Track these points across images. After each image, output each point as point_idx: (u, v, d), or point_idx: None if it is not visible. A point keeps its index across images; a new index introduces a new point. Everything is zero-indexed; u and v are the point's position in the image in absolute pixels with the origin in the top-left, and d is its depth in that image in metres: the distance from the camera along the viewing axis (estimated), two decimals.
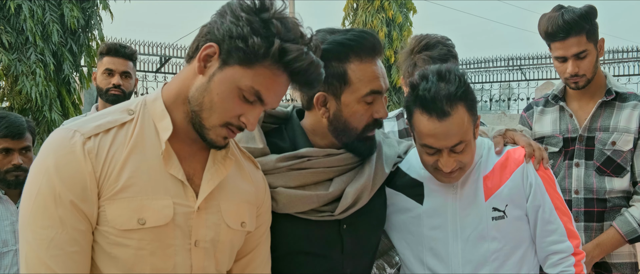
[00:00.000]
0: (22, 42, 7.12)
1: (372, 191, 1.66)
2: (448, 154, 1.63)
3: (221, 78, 1.27)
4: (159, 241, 1.28)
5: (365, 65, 1.58)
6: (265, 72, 1.27)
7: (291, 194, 1.56)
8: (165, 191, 1.29)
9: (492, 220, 1.71)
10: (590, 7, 2.29)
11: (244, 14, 1.25)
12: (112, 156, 1.26)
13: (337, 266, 1.64)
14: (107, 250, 1.26)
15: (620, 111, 2.35)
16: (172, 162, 1.31)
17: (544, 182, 1.75)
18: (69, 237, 1.22)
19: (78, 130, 1.27)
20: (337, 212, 1.59)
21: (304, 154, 1.60)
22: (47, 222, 1.21)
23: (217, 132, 1.31)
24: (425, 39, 2.28)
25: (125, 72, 3.14)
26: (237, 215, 1.40)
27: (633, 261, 2.37)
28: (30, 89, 7.03)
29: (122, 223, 1.25)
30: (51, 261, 1.20)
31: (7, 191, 2.46)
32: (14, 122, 2.39)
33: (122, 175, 1.26)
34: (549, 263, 1.74)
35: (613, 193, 2.32)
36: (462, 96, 1.61)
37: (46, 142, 1.28)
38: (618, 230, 2.25)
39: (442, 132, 1.60)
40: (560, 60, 2.34)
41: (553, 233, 1.73)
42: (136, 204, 1.26)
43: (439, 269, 1.73)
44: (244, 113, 1.30)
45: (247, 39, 1.24)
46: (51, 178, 1.22)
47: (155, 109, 1.34)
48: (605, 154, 2.32)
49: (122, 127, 1.31)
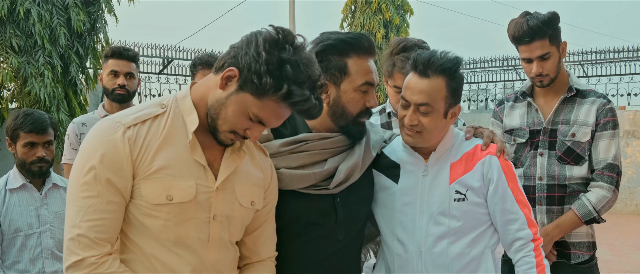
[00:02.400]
0: (31, 45, 7.39)
1: (362, 169, 1.96)
2: (413, 110, 1.93)
3: (235, 99, 1.55)
4: (182, 215, 1.55)
5: (362, 60, 1.89)
6: (272, 105, 1.54)
7: (292, 174, 1.84)
8: (190, 174, 1.57)
9: (454, 201, 1.98)
10: (553, 14, 2.56)
11: (264, 53, 1.50)
12: (147, 143, 1.54)
13: (332, 232, 1.91)
14: (139, 220, 1.54)
15: (580, 106, 2.62)
16: (197, 150, 1.59)
17: (506, 177, 2.01)
18: (103, 207, 1.50)
19: (120, 121, 1.55)
20: (332, 186, 1.88)
21: (302, 138, 1.89)
22: (87, 193, 1.50)
23: (226, 136, 1.60)
24: (403, 42, 2.58)
25: (129, 73, 3.39)
26: (248, 195, 1.68)
27: (591, 240, 2.64)
28: (39, 90, 7.28)
29: (154, 198, 1.52)
30: (86, 224, 1.49)
31: (32, 180, 2.73)
32: (38, 118, 2.66)
33: (155, 160, 1.53)
34: (513, 248, 2.01)
35: (572, 180, 2.58)
36: (446, 71, 1.93)
37: (93, 129, 1.58)
38: (576, 213, 2.52)
39: (415, 87, 1.92)
40: (526, 61, 2.60)
41: (515, 222, 1.99)
42: (166, 184, 1.53)
43: (406, 240, 2.00)
44: (249, 128, 1.59)
45: (261, 77, 1.50)
46: (94, 160, 1.51)
47: (184, 105, 1.62)
48: (566, 144, 2.58)
49: (155, 119, 1.58)
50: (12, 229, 2.62)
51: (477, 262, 1.99)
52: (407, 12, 13.76)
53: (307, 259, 1.89)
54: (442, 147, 2.03)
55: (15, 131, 2.63)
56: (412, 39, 2.59)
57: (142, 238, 1.56)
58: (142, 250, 1.57)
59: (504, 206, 1.98)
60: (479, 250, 2.00)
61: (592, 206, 2.49)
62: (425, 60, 1.92)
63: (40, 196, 2.72)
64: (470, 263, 1.98)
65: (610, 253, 7.78)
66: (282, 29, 1.55)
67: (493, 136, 2.09)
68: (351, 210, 1.95)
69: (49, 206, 2.73)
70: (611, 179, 2.52)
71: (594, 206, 2.49)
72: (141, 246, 1.57)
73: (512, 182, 2.01)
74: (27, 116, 2.63)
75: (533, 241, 1.98)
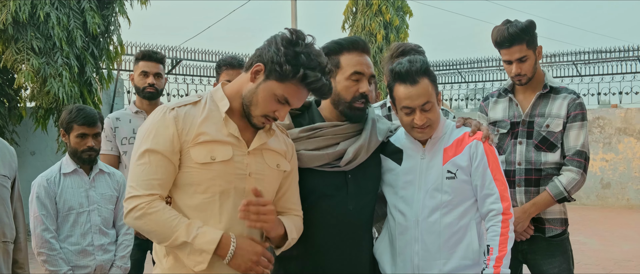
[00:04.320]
0: (50, 47, 7.70)
1: (368, 151, 2.39)
2: (420, 111, 2.34)
3: (264, 87, 1.99)
4: (224, 171, 1.99)
5: (352, 55, 2.32)
6: (292, 87, 1.98)
7: (309, 155, 2.28)
8: (227, 142, 2.01)
9: (446, 179, 2.39)
10: (530, 22, 2.97)
11: (283, 48, 1.95)
12: (190, 121, 1.98)
13: (343, 202, 2.33)
14: (189, 179, 1.98)
15: (554, 101, 3.02)
16: (230, 125, 2.03)
17: (487, 158, 2.41)
18: (155, 169, 1.94)
19: (167, 106, 2.02)
20: (342, 164, 2.31)
21: (317, 126, 2.34)
22: (142, 160, 1.95)
23: (259, 119, 2.04)
24: (402, 47, 3.01)
25: (157, 73, 3.80)
26: (274, 159, 2.12)
27: (563, 217, 3.04)
28: (58, 89, 7.59)
29: (201, 159, 1.96)
30: (141, 177, 1.93)
31: (81, 165, 3.13)
32: (89, 113, 3.07)
33: (199, 131, 1.97)
34: (487, 218, 2.41)
35: (547, 165, 2.98)
36: (425, 71, 2.35)
37: (150, 114, 2.04)
38: (549, 193, 2.92)
39: (414, 94, 2.32)
40: (507, 63, 3.02)
41: (491, 196, 2.39)
42: (209, 148, 1.97)
43: (406, 211, 2.41)
44: (277, 110, 2.03)
45: (282, 65, 1.95)
46: (149, 136, 1.96)
47: (217, 95, 2.08)
48: (541, 134, 2.98)
49: (194, 105, 2.04)
50: (66, 208, 3.02)
51: (463, 231, 2.38)
52: (406, 14, 14.16)
53: (323, 223, 2.32)
54: (436, 135, 2.44)
55: (69, 123, 3.04)
56: (410, 44, 3.03)
57: (194, 193, 1.99)
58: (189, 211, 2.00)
59: (483, 182, 2.38)
60: (465, 221, 2.39)
61: (563, 187, 2.90)
62: (408, 71, 2.33)
63: (89, 179, 3.12)
64: (458, 231, 2.38)
65: (598, 243, 8.17)
66: (295, 30, 2.02)
67: (480, 125, 2.51)
68: (360, 185, 2.38)
69: (97, 189, 3.13)
70: (580, 164, 2.93)
71: (565, 187, 2.90)
72: (186, 204, 2.00)
73: (493, 164, 2.40)
74: (80, 111, 3.04)
75: (503, 214, 2.35)
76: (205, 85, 12.60)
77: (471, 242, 2.38)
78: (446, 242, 2.37)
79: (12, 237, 2.53)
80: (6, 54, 7.59)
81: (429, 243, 2.37)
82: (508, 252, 2.31)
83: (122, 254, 3.17)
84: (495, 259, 2.29)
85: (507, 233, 2.33)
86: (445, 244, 2.37)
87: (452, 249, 2.37)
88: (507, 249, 2.31)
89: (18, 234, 2.60)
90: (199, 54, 12.33)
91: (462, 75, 14.95)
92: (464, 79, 14.96)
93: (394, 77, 2.37)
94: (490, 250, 2.31)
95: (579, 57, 13.13)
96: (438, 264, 2.37)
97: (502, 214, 2.35)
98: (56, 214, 3.02)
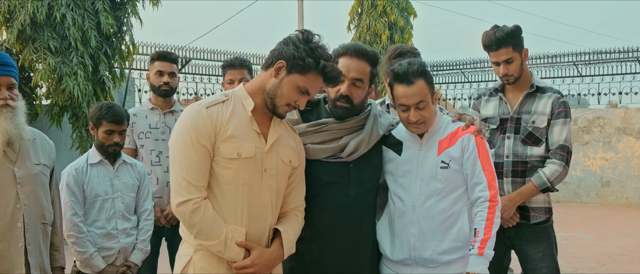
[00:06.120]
0: (65, 47, 7.95)
1: (369, 144, 2.64)
2: (414, 109, 2.59)
3: (287, 80, 2.28)
4: (247, 166, 2.26)
5: (342, 59, 2.56)
6: (312, 77, 2.29)
7: (315, 148, 2.56)
8: (251, 139, 2.29)
9: (440, 168, 2.64)
10: (516, 27, 3.23)
11: (301, 45, 2.27)
12: (222, 118, 2.25)
13: (346, 189, 2.60)
14: (217, 172, 2.26)
15: (540, 99, 3.27)
16: (254, 123, 2.31)
17: (478, 150, 2.65)
18: (199, 163, 2.21)
19: (201, 104, 2.28)
20: (344, 155, 2.58)
21: (323, 121, 2.61)
22: (187, 154, 2.22)
23: (283, 108, 2.33)
24: (399, 49, 3.29)
25: (172, 72, 4.05)
26: (287, 155, 2.39)
27: (547, 206, 3.28)
28: (73, 88, 7.84)
29: (229, 154, 2.24)
30: (188, 174, 2.20)
31: (106, 157, 3.40)
32: (118, 112, 3.34)
33: (228, 128, 2.24)
34: (475, 204, 2.63)
35: (532, 158, 3.22)
36: (421, 73, 2.59)
37: (184, 112, 2.29)
38: (534, 183, 3.16)
39: (410, 94, 2.57)
40: (495, 64, 3.28)
41: (479, 184, 2.62)
42: (236, 144, 2.24)
43: (404, 197, 2.67)
44: (298, 99, 2.32)
45: (304, 59, 2.26)
46: (189, 131, 2.22)
47: (241, 94, 2.36)
48: (527, 130, 3.23)
49: (223, 103, 2.31)
50: (93, 195, 3.30)
51: (456, 216, 2.62)
52: (410, 15, 14.38)
53: (328, 207, 2.60)
54: (432, 129, 2.70)
55: (99, 119, 3.31)
56: (406, 46, 3.31)
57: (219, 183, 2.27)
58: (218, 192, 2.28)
59: (473, 171, 2.62)
60: (458, 207, 2.63)
61: (546, 178, 3.15)
62: (405, 72, 2.57)
63: (114, 169, 3.40)
64: (450, 216, 2.62)
65: (594, 238, 8.37)
66: (306, 30, 2.35)
67: (473, 120, 2.77)
68: (361, 173, 2.65)
69: (120, 178, 3.41)
70: (562, 157, 3.18)
71: (548, 178, 3.15)
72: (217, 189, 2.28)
73: (483, 155, 2.64)
74: (109, 109, 3.32)
75: (490, 201, 2.57)
76: (213, 84, 12.86)
77: (462, 226, 2.61)
78: (439, 226, 2.61)
79: (50, 220, 2.80)
80: (24, 53, 7.87)
81: (424, 226, 2.62)
82: (493, 235, 2.53)
83: (143, 237, 3.45)
84: (480, 241, 2.51)
85: (492, 218, 2.55)
86: (438, 228, 2.61)
87: (445, 232, 2.61)
88: (492, 232, 2.53)
89: (55, 220, 2.86)
90: (207, 54, 12.60)
91: (465, 75, 15.17)
92: (467, 79, 15.18)
93: (394, 78, 2.63)
94: (476, 233, 2.54)
95: (579, 57, 13.33)
96: (432, 246, 2.61)
97: (489, 201, 2.57)
98: (84, 201, 3.30)
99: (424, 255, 2.62)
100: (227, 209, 2.28)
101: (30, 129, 2.79)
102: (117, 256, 3.34)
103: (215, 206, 2.27)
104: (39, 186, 2.73)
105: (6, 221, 2.58)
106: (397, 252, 2.68)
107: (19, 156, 2.68)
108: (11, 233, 2.59)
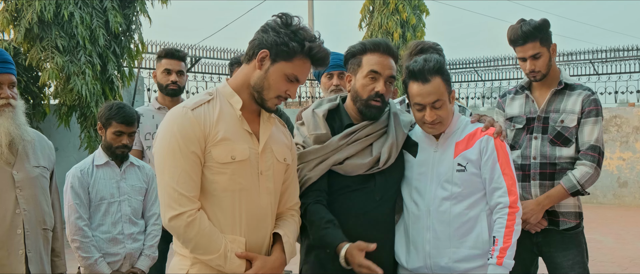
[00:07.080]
0: (73, 45, 7.85)
1: (399, 147, 2.56)
2: (430, 108, 2.46)
3: (273, 70, 2.11)
4: (242, 169, 2.08)
5: (373, 56, 2.47)
6: (299, 62, 2.10)
7: (354, 164, 2.47)
8: (243, 139, 2.11)
9: (456, 171, 2.49)
10: (544, 21, 3.06)
11: (282, 30, 2.08)
12: (209, 119, 2.06)
13: (371, 193, 2.51)
14: (210, 178, 2.06)
15: (569, 97, 3.10)
16: (244, 122, 2.13)
17: (497, 153, 2.50)
18: (189, 172, 2.02)
19: (185, 106, 2.09)
20: (381, 165, 2.49)
21: (352, 129, 2.49)
22: (175, 162, 2.02)
23: (272, 101, 2.15)
24: (420, 44, 3.12)
25: (180, 71, 3.93)
26: (281, 153, 2.23)
27: (577, 211, 3.11)
28: (81, 87, 7.74)
29: (222, 158, 2.06)
30: (178, 184, 2.01)
31: (113, 158, 3.25)
32: (128, 113, 3.19)
33: (218, 131, 2.05)
34: (494, 210, 2.48)
35: (562, 159, 3.05)
36: (438, 70, 2.45)
37: (167, 116, 2.10)
38: (563, 186, 2.99)
39: (425, 92, 2.44)
40: (522, 60, 3.11)
41: (498, 189, 2.48)
42: (229, 147, 2.06)
43: (419, 201, 2.53)
44: (288, 89, 2.14)
45: (288, 44, 2.08)
46: (176, 138, 2.03)
47: (225, 91, 2.17)
48: (556, 129, 3.06)
49: (209, 103, 2.11)
50: (98, 198, 3.16)
51: (473, 221, 2.48)
52: (423, 12, 14.23)
53: (354, 211, 2.49)
54: (449, 130, 2.56)
55: (108, 119, 3.16)
56: (428, 42, 3.14)
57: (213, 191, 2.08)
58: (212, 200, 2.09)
59: (492, 175, 2.48)
60: (475, 212, 2.49)
61: (576, 180, 2.98)
62: (421, 70, 2.43)
63: (120, 171, 3.25)
64: (467, 221, 2.48)
65: (614, 241, 8.18)
66: (282, 13, 2.15)
67: (493, 122, 2.60)
68: (386, 177, 2.54)
69: (127, 180, 3.26)
70: (593, 158, 3.00)
71: (578, 180, 2.98)
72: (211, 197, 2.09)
73: (503, 159, 2.49)
74: (120, 109, 3.16)
75: (509, 207, 2.44)
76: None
77: (481, 232, 2.47)
78: (456, 231, 2.47)
79: (51, 225, 2.66)
80: (31, 52, 7.78)
81: (439, 231, 2.48)
82: (513, 244, 2.39)
83: (151, 243, 3.30)
84: (499, 250, 2.38)
85: (512, 225, 2.41)
86: (455, 234, 2.47)
87: (462, 238, 2.47)
88: (511, 241, 2.39)
89: (55, 224, 2.73)
90: (217, 52, 12.49)
91: (478, 73, 14.97)
92: (481, 77, 14.98)
93: (409, 75, 2.49)
94: (495, 241, 2.41)
95: (596, 55, 13.11)
96: (448, 253, 2.47)
97: (508, 207, 2.44)
98: (89, 204, 3.16)
99: (440, 263, 2.49)
100: (224, 218, 2.10)
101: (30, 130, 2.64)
102: (123, 262, 3.19)
103: (211, 217, 2.09)
104: (39, 190, 2.59)
105: (5, 228, 2.45)
106: (412, 260, 2.55)
107: (17, 158, 2.55)
108: (11, 240, 2.45)
